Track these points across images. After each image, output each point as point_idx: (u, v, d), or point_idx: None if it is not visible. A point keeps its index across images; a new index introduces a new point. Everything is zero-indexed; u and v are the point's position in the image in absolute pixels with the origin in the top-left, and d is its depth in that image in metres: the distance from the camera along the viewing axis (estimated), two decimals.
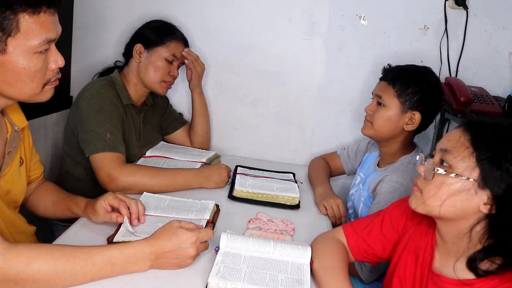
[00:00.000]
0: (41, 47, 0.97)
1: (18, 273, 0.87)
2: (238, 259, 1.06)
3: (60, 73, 1.06)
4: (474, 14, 1.85)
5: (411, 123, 1.46)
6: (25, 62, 0.96)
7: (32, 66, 0.98)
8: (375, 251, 1.13)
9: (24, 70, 0.97)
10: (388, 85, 1.48)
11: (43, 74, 1.01)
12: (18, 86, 0.99)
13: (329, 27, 1.89)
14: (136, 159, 1.63)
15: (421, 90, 1.44)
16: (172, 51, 1.65)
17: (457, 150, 0.91)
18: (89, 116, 1.48)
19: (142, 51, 1.64)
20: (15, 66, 0.96)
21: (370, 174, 1.59)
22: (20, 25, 0.94)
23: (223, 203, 1.44)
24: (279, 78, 1.97)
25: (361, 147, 1.77)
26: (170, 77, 1.67)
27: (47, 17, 0.97)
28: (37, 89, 1.02)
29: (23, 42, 0.95)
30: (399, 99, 1.45)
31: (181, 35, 1.72)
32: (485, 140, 0.89)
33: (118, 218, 1.16)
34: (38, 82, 1.01)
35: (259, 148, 2.05)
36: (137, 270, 0.99)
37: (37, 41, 0.96)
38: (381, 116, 1.48)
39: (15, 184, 1.14)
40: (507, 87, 1.89)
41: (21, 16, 0.93)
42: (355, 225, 1.17)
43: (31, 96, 1.02)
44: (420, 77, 1.47)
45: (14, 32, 0.93)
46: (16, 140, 1.13)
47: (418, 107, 1.44)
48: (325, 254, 1.10)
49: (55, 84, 1.06)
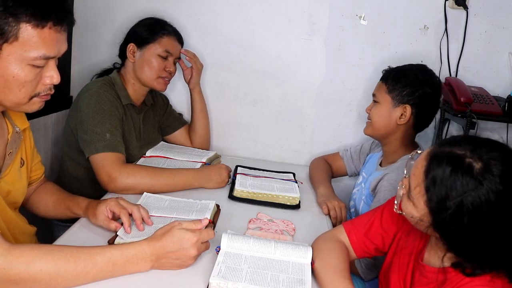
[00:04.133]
0: (37, 61, 0.95)
1: (19, 273, 0.87)
2: (239, 259, 1.06)
3: (53, 90, 1.04)
4: (474, 14, 1.85)
5: (404, 117, 1.48)
6: (15, 71, 0.94)
7: (22, 76, 0.95)
8: (376, 245, 1.15)
9: (13, 78, 0.95)
10: (382, 83, 1.54)
11: (33, 86, 0.99)
12: (4, 92, 0.96)
13: (329, 27, 1.90)
14: (136, 159, 1.63)
15: (411, 84, 1.47)
16: (164, 46, 1.64)
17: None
18: (89, 117, 1.48)
19: (135, 50, 1.64)
20: (5, 72, 0.94)
21: (372, 173, 1.60)
22: (20, 35, 0.92)
23: (224, 203, 1.44)
24: (279, 78, 1.97)
25: (364, 148, 1.78)
26: (166, 72, 1.66)
27: (52, 33, 0.95)
28: (23, 100, 0.99)
29: (19, 51, 0.93)
30: (390, 94, 1.50)
31: (173, 30, 1.70)
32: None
33: (117, 228, 1.15)
34: (26, 93, 0.98)
35: (259, 148, 2.05)
36: (138, 271, 0.99)
37: (34, 54, 0.94)
38: (376, 113, 1.53)
39: (15, 185, 1.14)
40: (507, 87, 1.89)
41: (23, 26, 0.92)
42: (355, 223, 1.19)
43: (16, 104, 1.00)
44: (411, 73, 1.49)
45: (11, 40, 0.92)
46: (17, 141, 1.13)
47: (409, 101, 1.47)
48: (326, 254, 1.10)
49: (46, 98, 1.04)
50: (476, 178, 0.84)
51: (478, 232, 0.86)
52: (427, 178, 0.90)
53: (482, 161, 0.85)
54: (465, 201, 0.85)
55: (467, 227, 0.86)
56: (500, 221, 0.85)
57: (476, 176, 0.85)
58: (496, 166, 0.85)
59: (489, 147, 0.88)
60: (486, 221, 0.85)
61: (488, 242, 0.87)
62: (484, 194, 0.84)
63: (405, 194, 0.97)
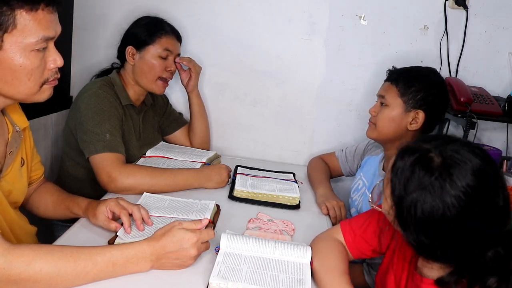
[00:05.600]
0: (38, 44, 0.97)
1: (19, 273, 0.87)
2: (239, 259, 1.06)
3: (59, 73, 1.05)
4: (474, 14, 1.85)
5: (415, 122, 1.43)
6: (21, 60, 0.96)
7: (28, 64, 0.97)
8: (372, 246, 1.13)
9: (21, 68, 0.96)
10: (391, 85, 1.47)
11: (41, 73, 1.00)
12: (15, 84, 0.98)
13: (329, 27, 1.90)
14: (136, 159, 1.63)
15: (424, 88, 1.42)
16: (164, 46, 1.63)
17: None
18: (88, 117, 1.48)
19: (134, 52, 1.63)
20: (12, 63, 0.95)
21: (377, 178, 1.52)
22: (17, 22, 0.93)
23: (224, 203, 1.44)
24: (279, 78, 1.97)
25: (359, 149, 1.75)
26: (168, 72, 1.66)
27: (45, 15, 0.97)
28: (34, 88, 1.01)
29: (20, 39, 0.94)
30: (402, 98, 1.44)
31: (171, 28, 1.69)
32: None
33: (117, 228, 1.16)
34: (36, 81, 1.00)
35: (259, 148, 2.05)
36: (138, 271, 0.99)
37: (34, 38, 0.95)
38: (385, 117, 1.46)
39: (16, 184, 1.14)
40: (507, 87, 1.89)
41: (18, 12, 0.93)
42: (352, 223, 1.17)
43: (28, 95, 1.01)
44: (423, 76, 1.45)
45: (10, 28, 0.93)
46: (17, 140, 1.13)
47: (422, 106, 1.42)
48: (324, 254, 1.10)
49: (54, 83, 1.05)
50: (432, 173, 0.84)
51: (430, 228, 0.85)
52: (392, 170, 0.91)
53: (443, 157, 0.84)
54: (419, 195, 0.84)
55: (422, 221, 0.85)
56: (459, 218, 0.83)
57: (432, 171, 0.84)
58: (456, 163, 0.83)
59: (458, 145, 0.86)
60: (442, 219, 0.83)
61: (443, 238, 0.86)
62: (438, 191, 0.83)
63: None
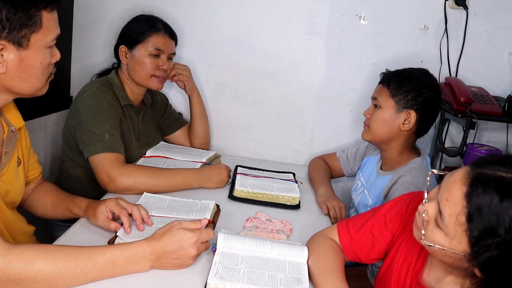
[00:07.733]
0: (52, 42, 1.04)
1: (19, 273, 0.87)
2: (236, 259, 1.06)
3: (55, 68, 1.11)
4: (474, 14, 1.85)
5: (408, 122, 1.44)
6: (41, 57, 1.01)
7: (45, 61, 1.03)
8: (367, 253, 1.11)
9: (41, 65, 1.02)
10: (383, 86, 1.49)
11: (49, 68, 1.06)
12: (32, 81, 1.03)
13: (329, 27, 1.90)
14: (135, 159, 1.63)
15: (415, 88, 1.43)
16: (154, 45, 1.61)
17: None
18: (87, 118, 1.48)
19: (126, 51, 1.63)
20: (34, 60, 1.00)
21: (375, 179, 1.55)
22: (42, 22, 0.99)
23: (224, 203, 1.44)
24: (279, 78, 1.97)
25: (360, 150, 1.76)
26: (160, 70, 1.64)
27: (54, 14, 1.03)
28: (43, 82, 1.06)
29: (42, 37, 1.00)
30: (393, 98, 1.45)
31: (164, 26, 1.66)
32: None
33: (117, 228, 1.16)
34: (46, 76, 1.06)
35: (259, 148, 2.05)
36: (138, 271, 0.99)
37: (51, 37, 1.02)
38: (378, 118, 1.48)
39: (13, 184, 1.14)
40: (507, 87, 1.89)
41: (43, 13, 0.99)
42: (349, 225, 1.14)
43: (37, 89, 1.06)
44: (414, 77, 1.45)
45: (38, 28, 0.98)
46: (13, 140, 1.13)
47: (413, 106, 1.43)
48: (320, 254, 1.09)
49: (52, 78, 1.10)
50: None
51: None
52: (469, 206, 0.79)
53: None
54: None
55: None
56: None
57: None
58: None
59: None
60: None
61: None
62: None
63: (431, 222, 0.87)
